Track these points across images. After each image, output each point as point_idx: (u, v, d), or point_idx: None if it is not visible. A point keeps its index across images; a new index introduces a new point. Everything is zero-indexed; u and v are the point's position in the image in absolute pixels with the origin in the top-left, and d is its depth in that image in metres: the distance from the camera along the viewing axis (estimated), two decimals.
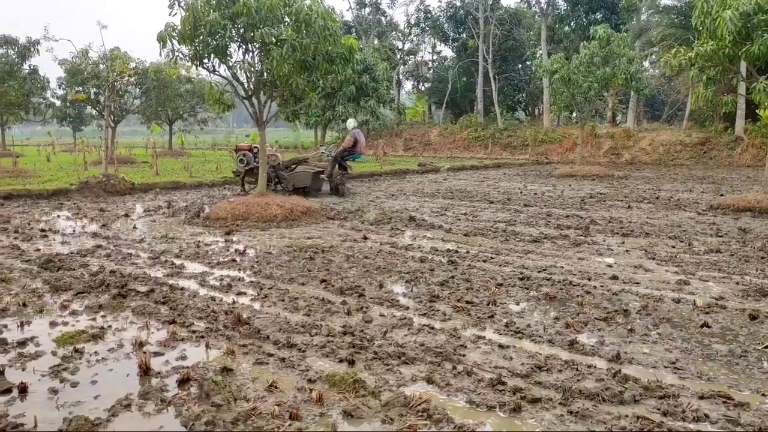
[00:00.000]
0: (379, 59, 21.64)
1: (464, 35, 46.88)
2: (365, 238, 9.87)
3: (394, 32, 50.94)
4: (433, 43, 52.80)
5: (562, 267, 7.80)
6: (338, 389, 4.08)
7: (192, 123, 38.52)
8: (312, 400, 3.93)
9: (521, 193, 16.92)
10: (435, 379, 4.24)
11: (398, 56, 50.01)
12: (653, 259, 8.32)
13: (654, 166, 29.86)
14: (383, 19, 49.78)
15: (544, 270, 7.62)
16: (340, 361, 4.61)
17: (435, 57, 54.51)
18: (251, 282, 7.05)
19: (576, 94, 22.91)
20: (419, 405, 3.78)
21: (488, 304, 6.10)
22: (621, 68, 21.97)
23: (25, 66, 20.91)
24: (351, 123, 18.10)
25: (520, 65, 47.95)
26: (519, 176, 23.27)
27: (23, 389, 4.08)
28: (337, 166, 16.85)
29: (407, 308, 6.03)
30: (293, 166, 16.21)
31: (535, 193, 16.72)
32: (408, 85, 57.70)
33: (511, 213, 12.84)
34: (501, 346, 4.89)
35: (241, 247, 9.12)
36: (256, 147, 16.60)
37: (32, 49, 20.31)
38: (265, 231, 10.68)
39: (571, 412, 3.76)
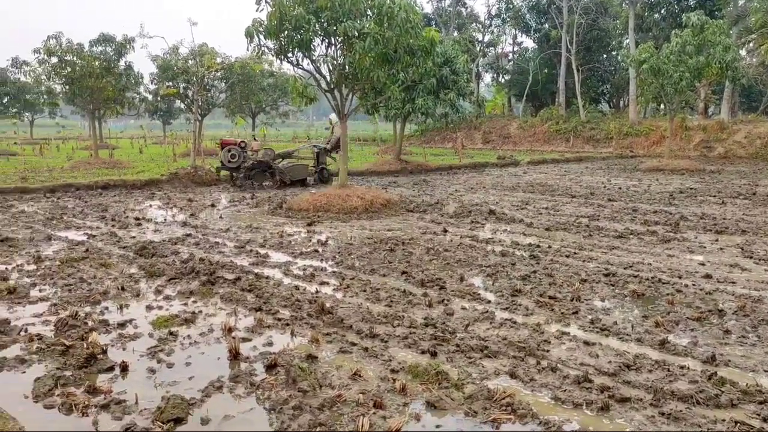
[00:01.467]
0: (459, 51, 21.41)
1: (547, 25, 45.80)
2: (445, 231, 9.84)
3: (474, 24, 50.34)
4: (514, 35, 51.83)
5: (650, 264, 7.52)
6: (421, 380, 4.11)
7: (274, 116, 39.52)
8: (395, 389, 3.97)
9: (605, 187, 16.41)
10: (518, 373, 4.19)
11: (478, 48, 49.39)
12: (750, 257, 7.89)
13: (750, 160, 28.23)
14: (463, 10, 49.30)
15: (630, 266, 7.38)
16: (423, 352, 4.63)
17: (516, 48, 53.55)
18: (333, 272, 7.17)
19: (666, 85, 21.96)
20: (503, 399, 3.75)
21: (572, 300, 5.97)
22: (715, 57, 20.87)
23: (121, 63, 21.98)
24: (335, 117, 18.14)
25: (605, 55, 46.42)
26: (602, 170, 22.57)
27: (124, 368, 4.33)
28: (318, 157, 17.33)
29: (489, 302, 5.99)
30: (279, 160, 16.62)
31: (620, 188, 16.18)
32: (487, 77, 56.96)
33: (595, 208, 12.48)
34: (586, 343, 4.78)
35: (322, 238, 9.29)
36: (244, 142, 16.71)
37: (128, 47, 21.36)
38: (346, 222, 10.83)
39: (663, 414, 3.63)
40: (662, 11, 38.96)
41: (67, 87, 21.65)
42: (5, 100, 37.26)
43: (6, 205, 12.60)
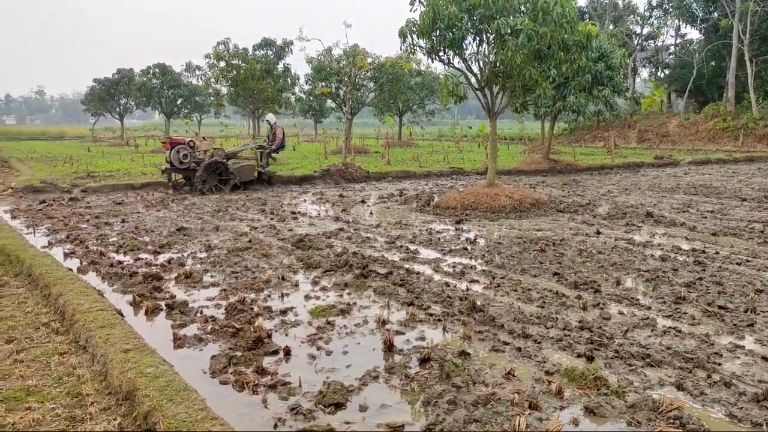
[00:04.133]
0: (616, 45, 20.39)
1: (716, 14, 42.27)
2: (598, 232, 9.45)
3: (632, 16, 47.68)
4: (677, 26, 48.40)
5: None
6: (578, 384, 3.98)
7: (420, 114, 39.92)
8: (551, 392, 3.88)
9: None
10: (686, 386, 3.93)
11: (635, 41, 46.76)
12: None
13: None
14: (620, 2, 46.88)
15: None
16: (578, 356, 4.49)
17: (678, 40, 50.01)
18: (483, 270, 7.13)
19: None
20: (670, 411, 3.54)
21: (746, 311, 5.49)
22: None
23: (280, 65, 23.33)
24: (273, 117, 16.89)
25: None
26: None
27: (287, 352, 4.60)
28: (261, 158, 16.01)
29: (648, 308, 5.67)
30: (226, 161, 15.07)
31: None
32: (644, 72, 53.72)
33: None
34: (765, 359, 4.38)
35: (471, 236, 9.27)
36: (192, 141, 15.11)
37: (286, 50, 22.65)
38: (494, 221, 10.73)
39: None
40: None
41: (232, 89, 23.31)
42: (179, 101, 40.89)
43: (179, 198, 13.81)
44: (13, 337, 4.83)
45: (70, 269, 6.88)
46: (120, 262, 7.53)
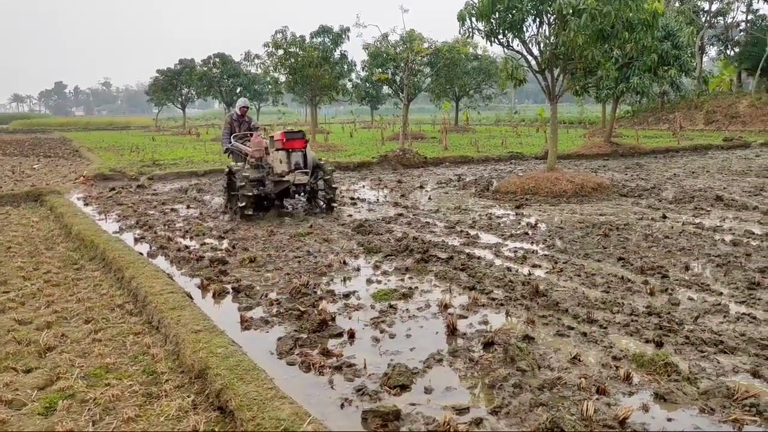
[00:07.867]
0: (683, 23, 19.63)
1: None
2: (664, 217, 9.18)
3: None
4: (748, 1, 46.15)
5: None
6: (647, 370, 3.90)
7: (477, 99, 39.45)
8: (619, 377, 3.82)
9: None
10: (763, 373, 3.80)
11: (703, 18, 44.86)
12: None
13: None
14: None
15: None
16: (647, 341, 4.40)
17: (750, 17, 47.71)
18: (545, 255, 7.04)
19: None
20: (745, 399, 3.43)
21: None
22: None
23: (337, 52, 23.43)
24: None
25: None
26: None
27: (351, 335, 4.66)
28: None
29: (720, 294, 5.49)
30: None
31: None
32: (712, 50, 51.50)
33: None
34: None
35: (532, 221, 9.15)
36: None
37: (343, 36, 22.76)
38: (555, 206, 10.56)
39: None
40: None
41: (290, 77, 23.57)
42: (238, 90, 41.69)
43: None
44: (91, 318, 5.07)
45: (141, 253, 7.14)
46: (187, 247, 7.76)
